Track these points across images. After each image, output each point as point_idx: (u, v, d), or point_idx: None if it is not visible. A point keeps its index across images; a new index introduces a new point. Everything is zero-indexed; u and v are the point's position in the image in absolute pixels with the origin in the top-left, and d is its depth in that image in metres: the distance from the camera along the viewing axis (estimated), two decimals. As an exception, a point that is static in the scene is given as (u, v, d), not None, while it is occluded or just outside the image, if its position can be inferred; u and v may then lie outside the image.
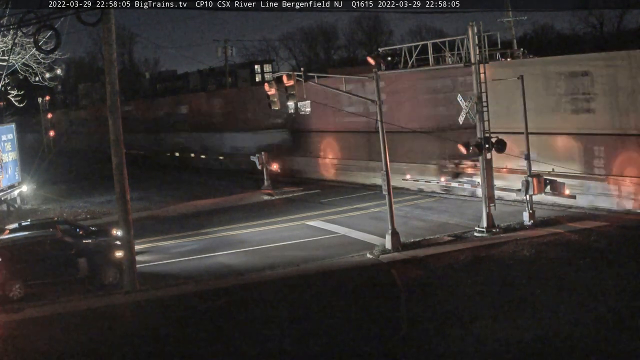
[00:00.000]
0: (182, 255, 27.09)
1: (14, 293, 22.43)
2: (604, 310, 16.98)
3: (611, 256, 21.57)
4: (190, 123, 58.89)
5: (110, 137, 22.10)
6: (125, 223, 22.15)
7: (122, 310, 20.50)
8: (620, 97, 27.17)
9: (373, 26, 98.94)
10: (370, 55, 26.65)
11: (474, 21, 25.26)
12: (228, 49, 72.16)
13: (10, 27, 27.90)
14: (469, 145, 25.64)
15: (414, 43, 27.90)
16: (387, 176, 24.98)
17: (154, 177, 51.20)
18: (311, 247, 26.63)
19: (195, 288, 21.97)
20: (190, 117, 59.50)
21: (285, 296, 20.52)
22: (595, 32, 70.07)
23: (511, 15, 46.62)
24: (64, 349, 17.62)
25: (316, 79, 27.82)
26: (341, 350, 16.25)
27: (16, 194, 39.50)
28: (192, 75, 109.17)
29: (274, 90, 26.59)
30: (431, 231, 27.09)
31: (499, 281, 20.12)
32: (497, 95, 27.57)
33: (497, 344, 15.62)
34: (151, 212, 36.70)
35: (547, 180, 26.71)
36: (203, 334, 17.95)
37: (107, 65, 21.99)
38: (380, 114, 25.13)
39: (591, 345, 15.19)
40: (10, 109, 46.43)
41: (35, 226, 25.90)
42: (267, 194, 39.06)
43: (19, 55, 31.28)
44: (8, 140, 39.14)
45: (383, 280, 21.53)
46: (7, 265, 22.63)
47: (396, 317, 18.01)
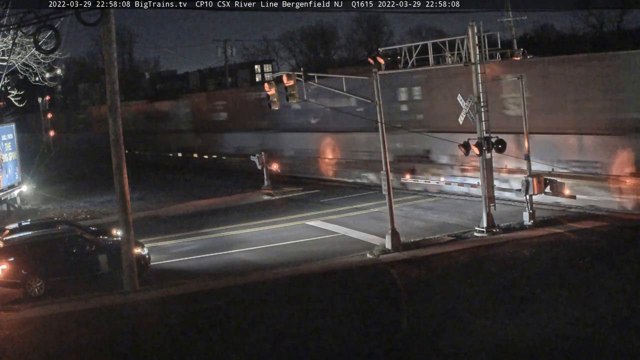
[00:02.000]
0: (182, 255, 27.10)
1: (36, 290, 22.58)
2: (604, 310, 16.99)
3: (611, 256, 21.59)
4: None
5: (110, 137, 22.11)
6: (125, 223, 22.16)
7: (122, 310, 20.50)
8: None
9: (373, 26, 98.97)
10: (370, 56, 26.63)
11: (474, 21, 25.30)
12: (228, 49, 72.22)
13: (10, 27, 27.87)
14: (468, 146, 25.66)
15: (414, 43, 27.89)
16: (387, 176, 24.99)
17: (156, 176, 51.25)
18: (311, 247, 26.63)
19: (195, 288, 21.98)
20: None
21: (285, 296, 20.54)
22: (595, 32, 70.05)
23: (511, 15, 46.56)
24: (63, 349, 17.63)
25: (316, 79, 27.84)
26: (341, 350, 16.25)
27: (16, 194, 39.48)
28: (192, 75, 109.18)
29: (273, 90, 26.60)
30: (431, 231, 27.09)
31: (499, 281, 20.13)
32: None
33: (498, 344, 15.64)
34: (151, 212, 36.68)
35: (547, 180, 26.73)
36: (203, 334, 17.95)
37: (107, 65, 21.99)
38: (381, 114, 25.13)
39: (591, 345, 15.19)
40: (10, 109, 46.42)
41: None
42: (267, 194, 39.06)
43: (19, 55, 31.26)
44: (8, 140, 39.11)
45: (383, 280, 21.54)
46: (28, 262, 22.75)
47: (396, 317, 18.02)
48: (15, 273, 22.68)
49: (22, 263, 22.73)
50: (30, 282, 22.65)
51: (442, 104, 32.84)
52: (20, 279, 22.68)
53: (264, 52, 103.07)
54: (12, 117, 46.86)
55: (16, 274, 22.68)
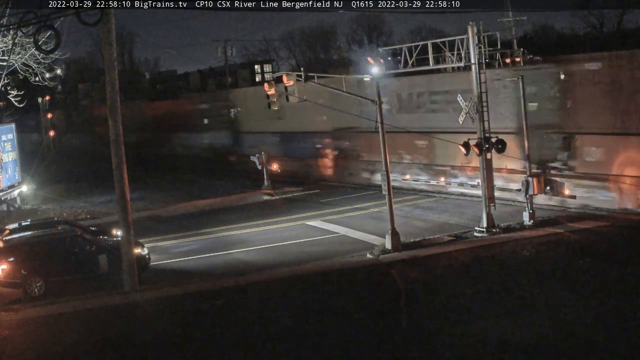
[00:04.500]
0: (182, 255, 27.10)
1: (36, 290, 22.58)
2: (604, 310, 17.01)
3: (611, 256, 21.58)
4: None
5: (110, 137, 22.10)
6: (125, 223, 22.15)
7: (122, 310, 20.48)
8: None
9: (373, 26, 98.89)
10: (370, 56, 26.64)
11: (474, 21, 25.30)
12: (228, 49, 72.19)
13: (10, 27, 27.88)
14: (468, 146, 25.65)
15: (414, 43, 27.89)
16: (387, 176, 24.97)
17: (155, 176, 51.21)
18: (311, 247, 26.63)
19: (195, 288, 21.97)
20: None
21: (284, 296, 20.53)
22: (595, 32, 69.95)
23: (511, 15, 46.57)
24: (63, 349, 17.62)
25: (316, 79, 27.84)
26: (341, 350, 16.25)
27: (16, 194, 39.47)
28: (192, 75, 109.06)
29: (273, 90, 26.61)
30: (431, 231, 27.09)
31: (499, 281, 20.13)
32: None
33: (498, 344, 15.64)
34: (151, 212, 36.67)
35: (547, 180, 26.73)
36: (202, 334, 17.95)
37: (107, 65, 21.97)
38: (381, 114, 25.12)
39: (591, 345, 15.20)
40: (10, 109, 46.39)
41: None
42: (267, 194, 39.05)
43: (19, 55, 31.26)
44: (8, 140, 39.11)
45: (383, 280, 21.54)
46: (28, 262, 22.74)
47: (396, 317, 18.02)
48: (15, 273, 22.67)
49: (22, 263, 22.71)
50: (30, 282, 22.63)
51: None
52: (20, 279, 22.66)
53: (264, 52, 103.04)
54: (12, 117, 46.81)
55: (16, 274, 22.66)
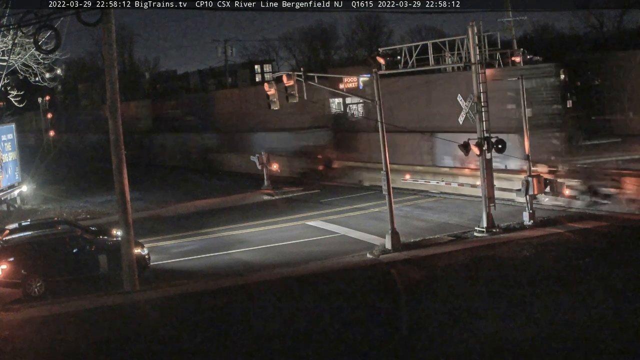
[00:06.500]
0: (182, 255, 27.10)
1: (35, 290, 22.59)
2: (604, 310, 16.99)
3: (611, 256, 21.58)
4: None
5: (110, 137, 22.10)
6: (125, 223, 22.15)
7: (122, 310, 20.48)
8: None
9: (373, 26, 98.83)
10: (370, 56, 26.65)
11: (474, 21, 25.31)
12: (228, 49, 72.27)
13: (10, 27, 27.87)
14: (468, 146, 25.65)
15: (414, 43, 27.91)
16: (387, 176, 24.97)
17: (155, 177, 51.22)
18: (311, 247, 26.63)
19: (195, 288, 21.97)
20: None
21: (284, 296, 20.53)
22: (595, 32, 69.92)
23: (511, 15, 46.56)
24: (63, 349, 17.61)
25: (316, 79, 27.83)
26: (341, 350, 16.24)
27: (16, 194, 39.48)
28: (192, 75, 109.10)
29: (273, 90, 26.60)
30: (431, 231, 27.09)
31: (499, 281, 20.12)
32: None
33: (498, 344, 15.63)
34: (151, 212, 36.67)
35: (547, 180, 26.72)
36: (202, 334, 17.94)
37: (107, 65, 21.97)
38: (381, 114, 25.13)
39: (591, 345, 15.19)
40: (10, 109, 46.38)
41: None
42: (267, 194, 39.05)
43: (19, 55, 31.24)
44: (8, 140, 39.11)
45: (383, 280, 21.53)
46: (28, 262, 22.76)
47: (396, 317, 18.01)
48: (15, 273, 22.69)
49: (22, 263, 22.73)
50: (30, 282, 22.66)
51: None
52: (20, 279, 22.68)
53: (264, 52, 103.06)
54: (12, 117, 46.81)
55: (16, 274, 22.68)
